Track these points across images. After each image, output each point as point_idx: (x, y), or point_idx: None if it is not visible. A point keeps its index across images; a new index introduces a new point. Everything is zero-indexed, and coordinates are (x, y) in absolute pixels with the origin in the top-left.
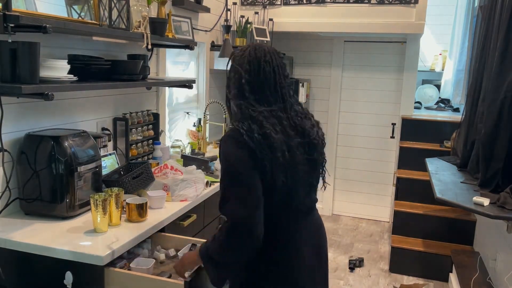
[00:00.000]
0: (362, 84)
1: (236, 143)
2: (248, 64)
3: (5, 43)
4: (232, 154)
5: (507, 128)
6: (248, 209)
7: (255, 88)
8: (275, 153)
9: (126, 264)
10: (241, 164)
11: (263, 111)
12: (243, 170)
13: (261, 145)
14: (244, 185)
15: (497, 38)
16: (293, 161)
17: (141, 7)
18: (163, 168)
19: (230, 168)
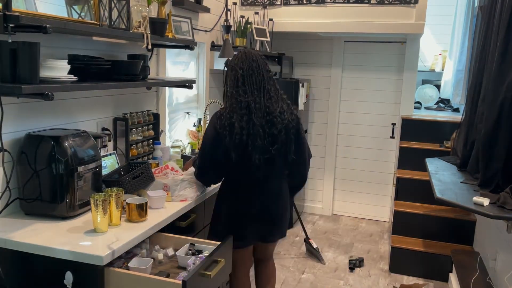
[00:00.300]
0: (362, 84)
1: (213, 123)
2: (242, 63)
3: (5, 43)
4: (208, 131)
5: (507, 128)
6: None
7: (246, 81)
8: (232, 136)
9: (124, 264)
10: (208, 140)
11: (242, 101)
12: (209, 144)
13: (225, 130)
14: (205, 154)
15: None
16: (252, 139)
17: (141, 7)
18: (164, 169)
19: (204, 138)
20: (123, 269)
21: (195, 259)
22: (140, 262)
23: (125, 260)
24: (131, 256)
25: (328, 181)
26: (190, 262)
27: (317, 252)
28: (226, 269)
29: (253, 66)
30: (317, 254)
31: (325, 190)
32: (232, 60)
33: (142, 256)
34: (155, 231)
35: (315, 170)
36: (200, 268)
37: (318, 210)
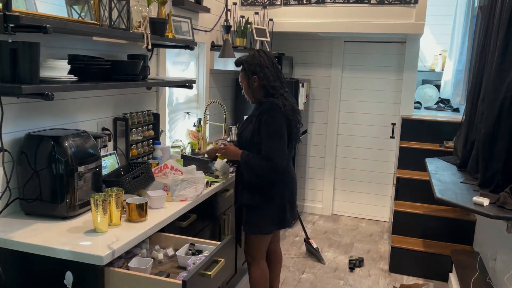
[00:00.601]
0: (362, 84)
1: (279, 112)
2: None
3: (5, 43)
4: (277, 118)
5: (507, 128)
6: (282, 159)
7: (278, 76)
8: (296, 118)
9: (125, 264)
10: (282, 129)
11: (284, 93)
12: (283, 134)
13: (290, 115)
14: (282, 140)
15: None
16: (296, 127)
17: (141, 7)
18: (163, 168)
19: (277, 130)
20: (123, 269)
21: (195, 259)
22: (140, 262)
23: (125, 260)
24: (131, 256)
25: (328, 181)
26: (190, 262)
27: (317, 252)
28: (226, 269)
29: (276, 63)
30: (317, 254)
31: (325, 190)
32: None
33: (142, 256)
34: (155, 231)
35: (315, 170)
36: (200, 268)
37: (318, 210)
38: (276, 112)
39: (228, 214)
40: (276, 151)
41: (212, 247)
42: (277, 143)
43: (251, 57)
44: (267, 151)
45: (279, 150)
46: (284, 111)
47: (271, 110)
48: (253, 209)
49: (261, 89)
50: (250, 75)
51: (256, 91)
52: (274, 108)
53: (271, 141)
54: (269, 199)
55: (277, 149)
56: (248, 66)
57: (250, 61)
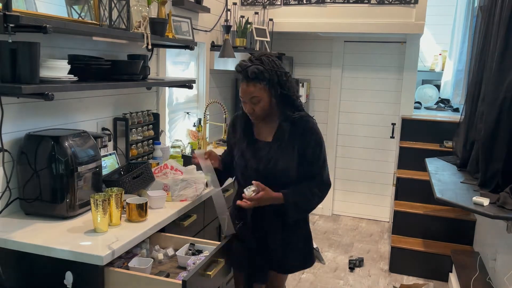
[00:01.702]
0: (362, 84)
1: (317, 128)
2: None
3: (5, 43)
4: (321, 135)
5: (507, 128)
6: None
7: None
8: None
9: (124, 264)
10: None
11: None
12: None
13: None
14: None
15: (497, 38)
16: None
17: (141, 7)
18: (163, 168)
19: (323, 145)
20: (123, 269)
21: (195, 259)
22: (140, 262)
23: (125, 260)
24: (131, 256)
25: None
26: (190, 262)
27: (317, 252)
28: (226, 269)
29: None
30: (317, 254)
31: None
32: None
33: (142, 256)
34: (155, 231)
35: None
36: (200, 268)
37: (318, 210)
38: (318, 128)
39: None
40: (327, 171)
41: (212, 247)
42: (326, 163)
43: (269, 64)
44: (327, 177)
45: (327, 170)
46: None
47: (315, 128)
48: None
49: (281, 103)
50: (277, 87)
51: (272, 105)
52: (315, 123)
53: (325, 163)
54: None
55: (327, 170)
56: (273, 76)
57: (272, 68)
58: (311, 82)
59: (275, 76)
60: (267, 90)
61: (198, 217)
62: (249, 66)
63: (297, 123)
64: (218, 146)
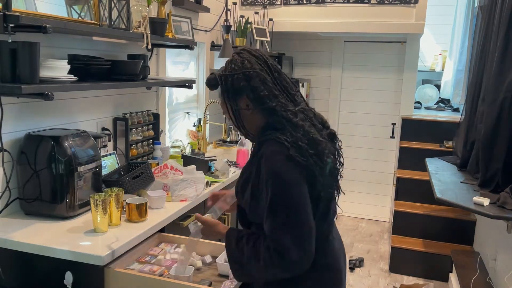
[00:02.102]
0: (362, 84)
1: (287, 162)
2: (258, 64)
3: (5, 43)
4: (285, 176)
5: (507, 128)
6: (305, 252)
7: (281, 86)
8: (322, 158)
9: (165, 272)
10: (295, 189)
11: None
12: (301, 201)
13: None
14: (301, 223)
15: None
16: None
17: (141, 7)
18: (163, 168)
19: (285, 196)
20: (165, 277)
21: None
22: (181, 270)
23: (166, 268)
24: (170, 263)
25: None
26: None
27: None
28: None
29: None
30: None
31: None
32: (241, 66)
33: (182, 263)
34: (155, 231)
35: None
36: None
37: None
38: (285, 163)
39: (228, 214)
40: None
41: None
42: (290, 221)
43: (229, 67)
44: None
45: (291, 234)
46: (295, 155)
47: (273, 157)
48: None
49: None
50: (234, 97)
51: (252, 120)
52: (276, 152)
53: (278, 217)
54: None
55: (288, 233)
56: (227, 83)
57: (229, 73)
58: (311, 82)
59: (232, 82)
60: (227, 102)
61: None
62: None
63: (259, 145)
64: (218, 146)
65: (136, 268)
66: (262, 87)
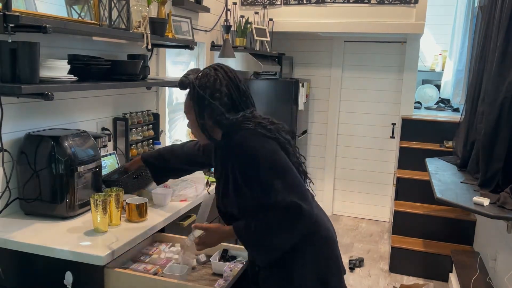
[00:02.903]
0: (362, 84)
1: (259, 138)
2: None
3: (5, 43)
4: (262, 148)
5: (507, 128)
6: (301, 195)
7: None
8: (284, 134)
9: (159, 271)
10: (277, 155)
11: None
12: (287, 164)
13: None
14: (297, 182)
15: (497, 38)
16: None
17: (141, 7)
18: None
19: (273, 164)
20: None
21: (232, 265)
22: (175, 269)
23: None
24: (164, 262)
25: (328, 181)
26: (227, 269)
27: None
28: None
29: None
30: None
31: (325, 190)
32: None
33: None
34: (155, 231)
35: (315, 170)
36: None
37: None
38: (258, 139)
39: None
40: (291, 188)
41: (245, 253)
42: (287, 177)
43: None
44: (278, 194)
45: (294, 185)
46: (262, 131)
47: (243, 142)
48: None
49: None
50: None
51: (213, 128)
52: (245, 137)
53: (276, 178)
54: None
55: (291, 185)
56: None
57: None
58: (311, 82)
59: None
60: (192, 107)
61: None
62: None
63: (224, 145)
64: None
65: (131, 267)
66: (221, 110)
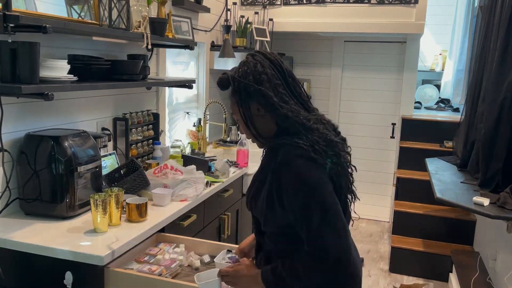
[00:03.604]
0: (362, 84)
1: (309, 163)
2: (271, 68)
3: (5, 43)
4: (312, 178)
5: (507, 128)
6: (344, 239)
7: (294, 92)
8: (340, 160)
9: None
10: (324, 188)
11: (310, 116)
12: (332, 200)
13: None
14: (338, 222)
15: (497, 38)
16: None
17: (141, 7)
18: (163, 168)
19: (316, 197)
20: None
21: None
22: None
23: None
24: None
25: None
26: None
27: None
28: None
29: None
30: None
31: None
32: (253, 69)
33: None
34: (155, 231)
35: None
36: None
37: None
38: (303, 165)
39: (228, 214)
40: (326, 237)
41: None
42: (327, 221)
43: (242, 69)
44: (322, 246)
45: (331, 232)
46: (316, 157)
47: (292, 164)
48: None
49: (270, 119)
50: (246, 101)
51: (263, 124)
52: (296, 157)
53: (314, 223)
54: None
55: (327, 233)
56: (240, 86)
57: (241, 75)
58: (311, 82)
59: (241, 84)
60: (239, 107)
61: (198, 217)
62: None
63: (274, 151)
64: (218, 146)
65: (135, 268)
66: (273, 93)
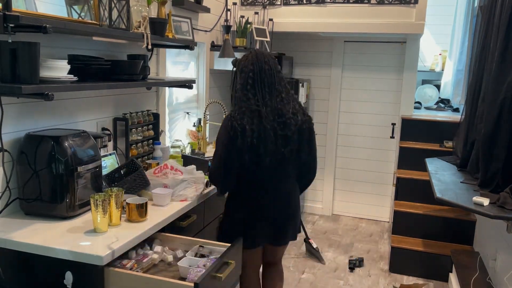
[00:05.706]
0: (362, 84)
1: (225, 126)
2: (252, 65)
3: (5, 43)
4: (221, 133)
5: (507, 128)
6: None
7: (256, 83)
8: (244, 139)
9: (134, 265)
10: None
11: (252, 104)
12: (222, 147)
13: (237, 132)
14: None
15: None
16: (263, 142)
17: (141, 7)
18: (163, 168)
19: (217, 142)
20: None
21: (206, 261)
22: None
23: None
24: (141, 258)
25: (328, 181)
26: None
27: (317, 252)
28: (236, 271)
29: (265, 68)
30: (317, 254)
31: (325, 190)
32: (243, 61)
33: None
34: (155, 231)
35: None
36: (212, 270)
37: (318, 210)
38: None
39: None
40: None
41: (222, 249)
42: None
43: (241, 58)
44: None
45: (214, 164)
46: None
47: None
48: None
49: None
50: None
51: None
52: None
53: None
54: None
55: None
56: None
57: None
58: (311, 82)
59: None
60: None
61: (198, 217)
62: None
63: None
64: None
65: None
66: (242, 80)
